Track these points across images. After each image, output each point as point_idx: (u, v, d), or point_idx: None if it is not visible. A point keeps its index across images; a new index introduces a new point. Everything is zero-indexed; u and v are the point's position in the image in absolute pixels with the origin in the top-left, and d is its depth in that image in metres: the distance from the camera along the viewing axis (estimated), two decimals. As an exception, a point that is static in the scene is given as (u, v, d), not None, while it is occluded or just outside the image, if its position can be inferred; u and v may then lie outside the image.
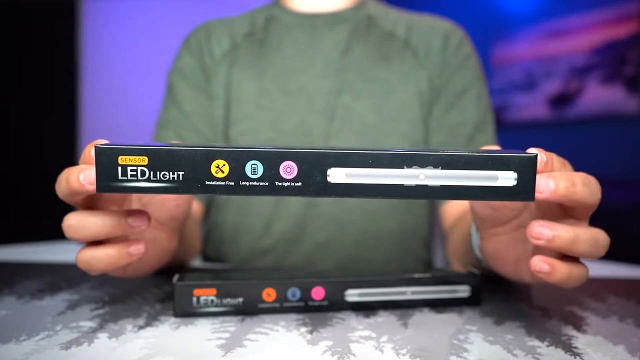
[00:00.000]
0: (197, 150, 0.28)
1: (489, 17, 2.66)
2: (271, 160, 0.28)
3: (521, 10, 2.54)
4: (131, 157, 0.27)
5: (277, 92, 0.67)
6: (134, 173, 0.27)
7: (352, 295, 0.38)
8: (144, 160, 0.27)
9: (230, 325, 0.34)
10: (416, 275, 0.39)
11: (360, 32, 0.70)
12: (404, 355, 0.29)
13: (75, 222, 0.31)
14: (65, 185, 0.29)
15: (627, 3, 2.16)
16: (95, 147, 0.27)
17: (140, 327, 0.34)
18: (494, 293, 0.45)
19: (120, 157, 0.27)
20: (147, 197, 0.37)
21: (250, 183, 0.28)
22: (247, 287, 0.37)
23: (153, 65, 2.76)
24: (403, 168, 0.28)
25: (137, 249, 0.33)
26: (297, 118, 0.67)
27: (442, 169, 0.28)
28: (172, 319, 0.36)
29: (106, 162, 0.27)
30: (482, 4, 2.70)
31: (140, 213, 0.32)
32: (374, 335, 0.33)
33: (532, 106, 2.45)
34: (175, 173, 0.28)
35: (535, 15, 2.48)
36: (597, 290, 0.47)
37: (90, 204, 0.32)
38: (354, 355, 0.29)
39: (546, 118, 2.39)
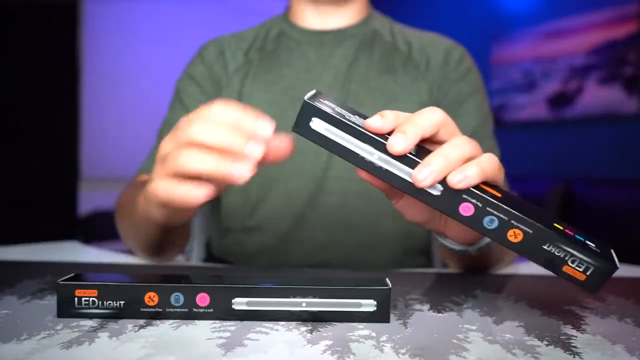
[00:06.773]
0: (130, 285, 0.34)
1: (488, 17, 2.66)
2: (190, 293, 0.35)
3: (521, 10, 2.54)
4: None
5: (287, 102, 0.69)
6: None
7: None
8: None
9: (231, 324, 0.34)
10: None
11: (366, 45, 0.72)
12: (403, 354, 0.29)
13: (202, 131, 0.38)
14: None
15: (626, 3, 2.16)
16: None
17: (141, 327, 0.34)
18: (494, 293, 0.45)
19: None
20: None
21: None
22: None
23: (154, 65, 2.76)
24: (290, 298, 0.35)
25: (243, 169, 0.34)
26: None
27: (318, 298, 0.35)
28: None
29: None
30: (481, 4, 2.71)
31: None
32: (373, 334, 0.33)
33: (531, 106, 2.45)
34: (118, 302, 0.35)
35: (534, 15, 2.49)
36: (597, 290, 0.47)
37: None
38: (353, 354, 0.29)
39: (546, 118, 2.39)
